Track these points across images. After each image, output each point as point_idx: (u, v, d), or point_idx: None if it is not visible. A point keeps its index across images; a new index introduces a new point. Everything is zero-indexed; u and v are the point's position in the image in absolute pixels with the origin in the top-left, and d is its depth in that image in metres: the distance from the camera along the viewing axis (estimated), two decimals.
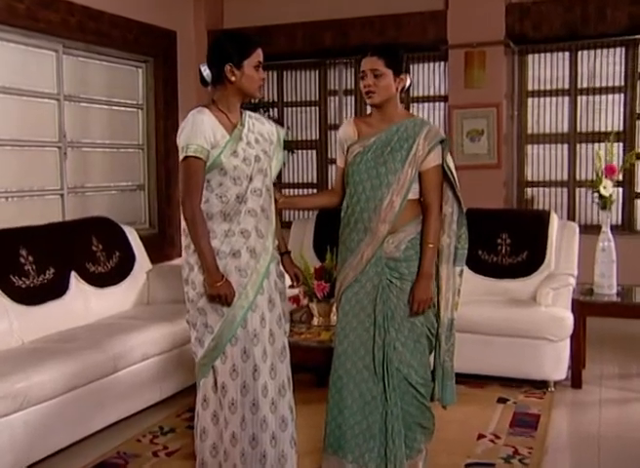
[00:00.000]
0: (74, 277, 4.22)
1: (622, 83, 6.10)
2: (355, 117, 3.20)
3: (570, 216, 6.25)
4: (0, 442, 3.04)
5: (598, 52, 6.13)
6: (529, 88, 6.40)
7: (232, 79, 2.66)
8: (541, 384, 4.23)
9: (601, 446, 3.45)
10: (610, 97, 6.15)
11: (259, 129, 2.79)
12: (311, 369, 4.07)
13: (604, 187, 4.36)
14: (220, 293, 2.60)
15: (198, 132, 2.59)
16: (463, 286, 2.99)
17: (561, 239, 4.70)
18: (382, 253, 2.86)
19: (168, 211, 6.45)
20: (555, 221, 4.76)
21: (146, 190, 6.47)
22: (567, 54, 6.23)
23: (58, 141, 5.50)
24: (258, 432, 2.65)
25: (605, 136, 5.14)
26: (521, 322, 4.22)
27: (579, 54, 6.20)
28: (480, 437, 3.54)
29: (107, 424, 3.65)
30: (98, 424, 3.58)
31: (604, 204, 4.43)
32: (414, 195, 2.88)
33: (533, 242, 4.71)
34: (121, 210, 6.09)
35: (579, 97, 6.25)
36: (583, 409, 4.00)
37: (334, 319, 3.81)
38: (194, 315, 2.70)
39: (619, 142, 5.92)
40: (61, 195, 5.54)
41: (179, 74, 6.49)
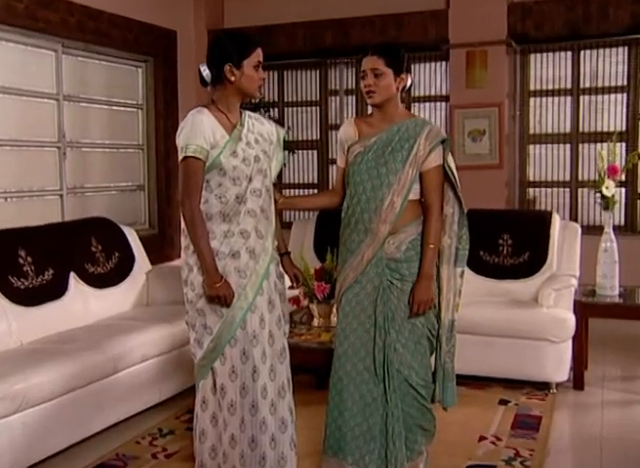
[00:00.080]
0: (73, 278, 4.20)
1: (625, 83, 6.08)
2: (356, 117, 3.19)
3: (572, 217, 6.23)
4: None
5: (600, 51, 6.11)
6: (531, 88, 6.38)
7: (232, 79, 2.65)
8: (543, 386, 4.22)
9: (603, 448, 3.44)
10: (612, 96, 6.13)
11: (258, 129, 2.78)
12: (311, 370, 4.06)
13: (606, 188, 4.35)
14: (220, 294, 2.59)
15: (197, 132, 2.58)
16: (464, 287, 2.98)
17: (563, 240, 4.69)
18: (383, 254, 2.85)
19: (168, 211, 6.44)
20: (557, 222, 4.75)
21: (146, 191, 6.46)
22: (569, 53, 6.21)
23: (57, 141, 5.49)
24: (257, 434, 2.64)
25: (607, 137, 5.12)
26: (523, 323, 4.21)
27: (581, 53, 6.18)
28: (481, 439, 3.53)
29: (106, 426, 3.63)
30: (97, 426, 3.56)
31: (606, 204, 4.42)
32: (414, 195, 2.87)
33: (534, 243, 4.70)
34: (121, 210, 6.08)
35: (581, 97, 6.24)
36: (586, 411, 3.98)
37: (334, 320, 3.81)
38: (193, 316, 2.69)
39: (621, 142, 5.89)
40: (61, 195, 5.54)
41: (179, 74, 6.48)
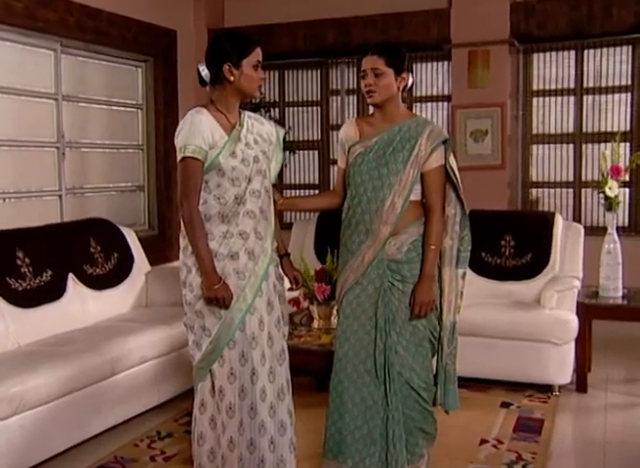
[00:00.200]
0: (72, 279, 4.19)
1: (629, 82, 6.06)
2: (357, 117, 3.18)
3: (575, 218, 6.22)
4: None
5: (604, 50, 6.09)
6: (534, 87, 6.36)
7: (231, 79, 2.64)
8: (546, 388, 4.20)
9: (606, 451, 3.42)
10: (616, 96, 6.11)
11: (258, 129, 2.76)
12: (311, 372, 4.05)
13: (609, 188, 4.34)
14: (218, 296, 2.57)
15: (196, 132, 2.57)
16: (466, 288, 2.97)
17: (566, 241, 4.68)
18: (384, 256, 2.82)
19: (168, 212, 6.42)
20: (560, 223, 4.73)
21: (146, 191, 6.44)
22: (572, 53, 6.19)
23: (56, 142, 5.47)
24: (256, 437, 2.63)
25: (611, 137, 5.10)
26: (525, 325, 4.19)
27: (584, 53, 6.16)
28: (483, 442, 3.51)
29: (105, 428, 3.62)
30: (95, 428, 3.55)
31: (609, 205, 4.40)
32: (416, 196, 2.85)
33: (537, 244, 4.68)
34: (120, 211, 6.07)
35: (584, 97, 6.22)
36: (588, 414, 3.96)
37: (334, 322, 3.80)
38: (192, 318, 2.67)
39: (625, 142, 5.87)
40: (60, 196, 5.52)
41: (179, 74, 6.46)
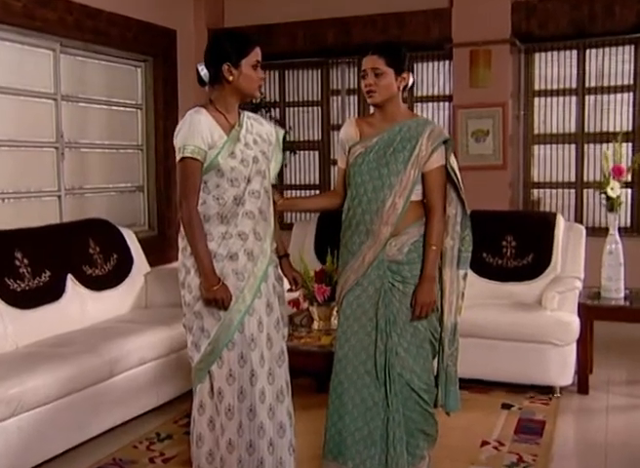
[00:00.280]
0: (70, 280, 4.18)
1: (631, 82, 6.04)
2: (357, 117, 3.16)
3: (577, 218, 6.20)
4: None
5: (606, 50, 6.07)
6: (535, 87, 6.35)
7: (230, 78, 2.63)
8: (547, 390, 4.18)
9: (608, 453, 3.41)
10: (618, 96, 6.09)
11: (257, 129, 2.76)
12: (311, 373, 4.04)
13: (611, 188, 4.32)
14: (217, 297, 2.57)
15: (195, 132, 2.56)
16: (467, 289, 2.96)
17: (567, 241, 4.66)
18: (384, 256, 2.81)
19: (167, 212, 6.41)
20: (561, 223, 4.72)
21: (146, 191, 6.43)
22: (574, 52, 6.17)
23: (55, 142, 5.46)
24: (255, 438, 2.62)
25: (613, 137, 5.09)
26: (526, 326, 4.18)
27: (586, 52, 6.14)
28: (484, 443, 3.50)
29: (103, 430, 3.61)
30: (93, 430, 3.54)
31: (611, 205, 4.38)
32: (417, 197, 2.84)
33: (538, 244, 4.66)
34: (120, 211, 6.06)
35: (586, 97, 6.20)
36: (590, 416, 3.95)
37: (334, 323, 3.80)
38: (190, 319, 2.67)
39: (627, 143, 5.85)
40: (59, 196, 5.50)
41: (178, 74, 6.45)
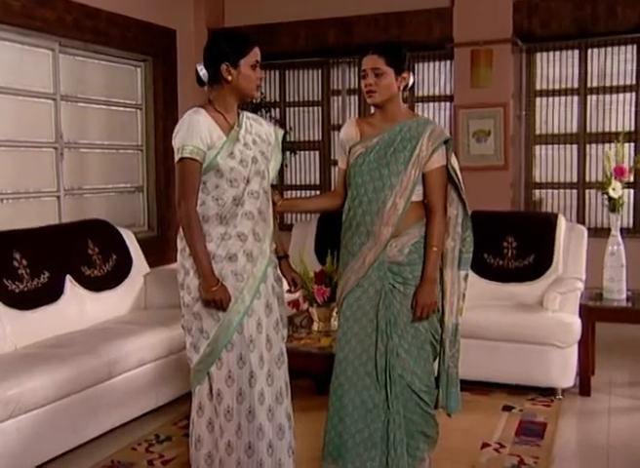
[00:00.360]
0: (69, 281, 4.17)
1: (634, 82, 6.01)
2: (357, 117, 3.15)
3: (579, 219, 6.18)
4: None
5: (608, 50, 6.05)
6: (537, 87, 6.32)
7: (229, 78, 2.63)
8: (549, 392, 4.17)
9: (610, 455, 3.39)
10: (620, 96, 6.07)
11: (256, 130, 2.75)
12: (311, 375, 4.03)
13: (613, 189, 4.31)
14: (216, 298, 2.56)
15: (194, 132, 2.56)
16: (468, 290, 2.96)
17: (569, 242, 4.64)
18: (385, 258, 2.80)
19: (167, 213, 6.40)
20: (563, 224, 4.70)
21: (145, 192, 6.42)
22: (576, 52, 6.15)
23: (54, 142, 5.45)
24: (254, 440, 2.61)
25: (616, 137, 5.07)
26: (527, 327, 4.16)
27: (588, 52, 6.12)
28: (485, 446, 3.49)
29: (102, 432, 3.60)
30: (92, 432, 3.53)
31: (613, 206, 4.37)
32: (417, 197, 2.83)
33: (540, 245, 4.65)
34: (119, 212, 6.05)
35: (588, 97, 6.18)
36: (592, 418, 3.93)
37: (334, 324, 3.79)
38: (189, 320, 2.66)
39: (629, 143, 5.83)
40: (58, 197, 5.50)
41: (178, 74, 6.44)
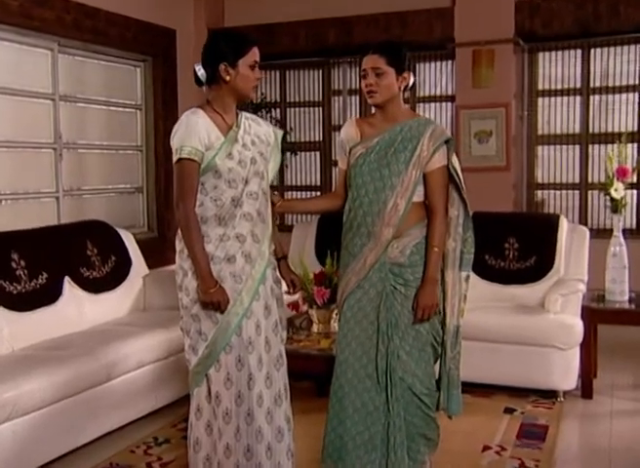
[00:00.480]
0: (68, 282, 4.15)
1: (636, 82, 6.00)
2: (358, 117, 3.13)
3: (582, 220, 6.17)
4: None
5: (611, 49, 6.03)
6: (539, 87, 6.31)
7: (227, 78, 2.61)
8: (550, 394, 4.15)
9: (612, 459, 3.37)
10: (623, 96, 6.06)
11: (255, 130, 2.74)
12: (311, 377, 4.01)
13: (615, 190, 4.28)
14: (214, 300, 2.55)
15: (192, 133, 2.55)
16: (470, 291, 2.93)
17: (571, 243, 4.63)
18: (386, 259, 2.78)
19: (167, 214, 6.38)
20: (565, 225, 4.69)
21: (145, 193, 6.42)
22: (579, 52, 6.14)
23: (53, 143, 5.44)
24: (253, 443, 2.60)
25: (618, 137, 5.06)
26: (529, 329, 4.15)
27: (591, 52, 6.11)
28: (486, 448, 3.48)
29: (100, 434, 3.58)
30: (90, 434, 3.52)
31: (615, 207, 4.35)
32: (418, 198, 2.81)
33: (541, 246, 4.63)
34: (119, 213, 6.05)
35: (591, 97, 6.16)
36: (594, 421, 3.91)
37: (334, 326, 3.78)
38: (188, 322, 2.65)
39: (632, 143, 5.81)
40: (57, 198, 5.49)
41: (178, 74, 6.43)
